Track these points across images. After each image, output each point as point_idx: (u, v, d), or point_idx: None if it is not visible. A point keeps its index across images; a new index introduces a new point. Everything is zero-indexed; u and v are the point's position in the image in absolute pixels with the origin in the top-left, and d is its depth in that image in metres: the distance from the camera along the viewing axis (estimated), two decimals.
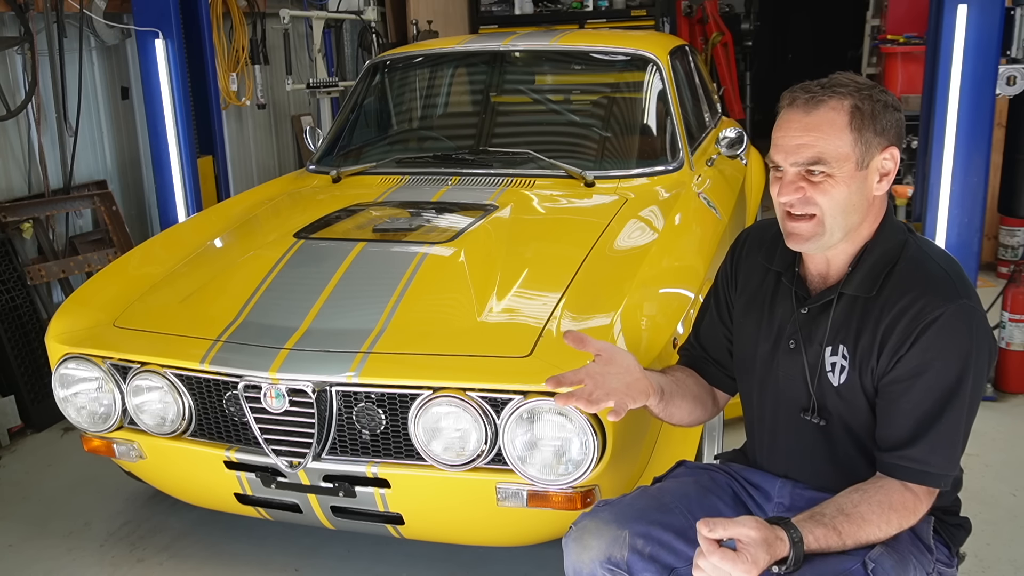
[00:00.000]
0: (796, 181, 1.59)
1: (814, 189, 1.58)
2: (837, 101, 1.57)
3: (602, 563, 1.68)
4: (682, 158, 3.33)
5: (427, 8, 7.21)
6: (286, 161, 6.52)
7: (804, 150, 1.57)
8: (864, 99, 1.58)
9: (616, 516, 1.73)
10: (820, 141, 1.56)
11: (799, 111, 1.59)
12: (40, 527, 3.00)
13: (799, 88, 1.62)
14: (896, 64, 5.81)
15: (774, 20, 9.81)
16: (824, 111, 1.57)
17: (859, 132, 1.57)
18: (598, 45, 3.84)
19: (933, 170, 3.68)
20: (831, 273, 1.70)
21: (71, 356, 2.45)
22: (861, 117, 1.57)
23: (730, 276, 1.90)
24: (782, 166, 1.61)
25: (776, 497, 1.82)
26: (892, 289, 1.62)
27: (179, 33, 4.49)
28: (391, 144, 3.84)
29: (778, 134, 1.62)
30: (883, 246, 1.65)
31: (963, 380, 1.56)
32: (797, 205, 1.60)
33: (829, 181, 1.57)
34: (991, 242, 5.23)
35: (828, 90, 1.59)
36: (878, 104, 1.59)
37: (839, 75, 1.63)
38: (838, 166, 1.57)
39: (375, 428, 2.23)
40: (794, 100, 1.60)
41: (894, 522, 1.57)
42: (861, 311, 1.64)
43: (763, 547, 1.43)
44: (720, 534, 1.43)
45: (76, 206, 4.38)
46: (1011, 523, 2.83)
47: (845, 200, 1.58)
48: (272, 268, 2.64)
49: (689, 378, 1.92)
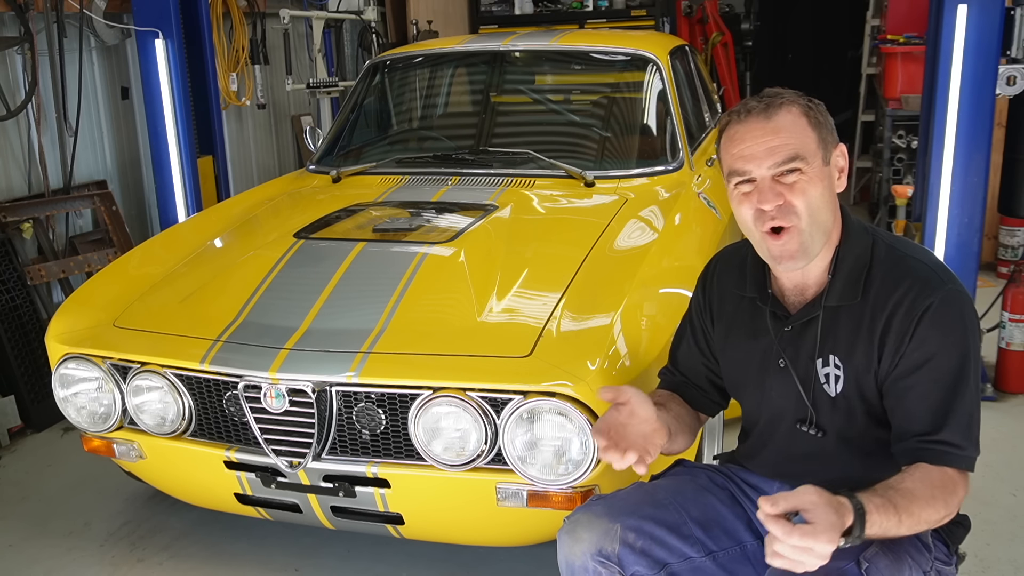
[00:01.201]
0: (773, 187, 1.59)
1: (791, 192, 1.58)
2: (789, 104, 1.61)
3: (593, 555, 1.69)
4: (682, 158, 3.33)
5: (427, 8, 7.21)
6: (286, 161, 6.51)
7: (779, 151, 1.58)
8: (807, 102, 1.63)
9: (608, 510, 1.74)
10: (791, 140, 1.58)
11: (759, 118, 1.60)
12: (40, 527, 3.00)
13: (742, 105, 1.64)
14: (896, 64, 5.81)
15: (774, 20, 9.80)
16: (783, 114, 1.60)
17: (818, 129, 1.61)
18: (598, 45, 3.85)
19: (933, 170, 3.68)
20: (809, 285, 1.70)
21: (71, 356, 2.45)
22: (815, 115, 1.62)
23: (703, 306, 1.90)
24: (755, 175, 1.60)
25: None
26: (877, 291, 1.63)
27: (179, 33, 4.48)
28: (391, 144, 3.84)
29: (741, 146, 1.61)
30: (854, 251, 1.66)
31: (965, 363, 1.58)
32: (778, 215, 1.59)
33: (803, 180, 1.58)
34: (991, 242, 5.23)
35: (776, 98, 1.62)
36: (819, 107, 1.64)
37: (773, 89, 1.67)
38: (811, 162, 1.59)
39: (375, 428, 2.23)
40: (749, 111, 1.62)
41: (939, 501, 1.52)
42: (847, 318, 1.65)
43: (833, 511, 1.37)
44: (784, 507, 1.38)
45: (76, 206, 4.38)
46: (1011, 523, 2.83)
47: (820, 198, 1.60)
48: (272, 268, 2.64)
49: (681, 408, 1.92)
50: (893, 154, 5.84)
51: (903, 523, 1.47)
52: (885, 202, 5.78)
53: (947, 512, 1.54)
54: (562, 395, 2.05)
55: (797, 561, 1.36)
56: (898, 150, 5.83)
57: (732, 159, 1.63)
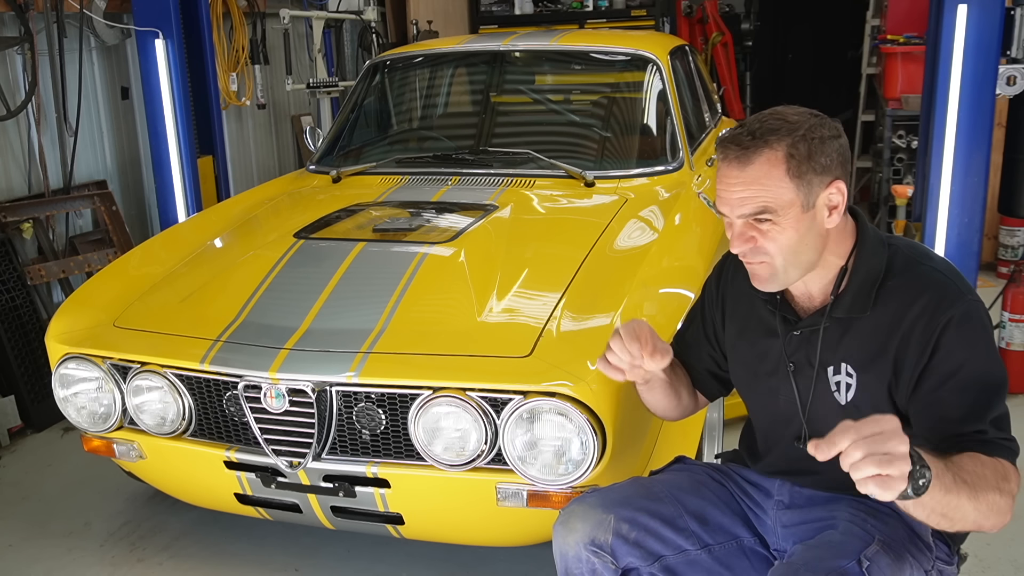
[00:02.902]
0: (745, 232, 1.58)
1: (763, 237, 1.57)
2: (769, 151, 1.53)
3: (586, 545, 1.69)
4: (682, 158, 3.33)
5: (427, 8, 7.21)
6: (286, 161, 6.52)
7: (747, 203, 1.56)
8: (798, 141, 1.53)
9: (603, 501, 1.75)
10: (762, 192, 1.54)
11: (733, 166, 1.56)
12: (40, 527, 3.00)
13: (731, 140, 1.57)
14: (896, 64, 5.80)
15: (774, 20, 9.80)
16: (759, 164, 1.54)
17: (799, 178, 1.54)
18: (598, 45, 3.84)
19: (933, 170, 3.68)
20: (814, 295, 1.69)
21: (71, 356, 2.45)
22: (797, 163, 1.53)
23: (715, 301, 1.90)
24: (729, 217, 1.60)
25: (776, 495, 1.82)
26: (893, 303, 1.60)
27: (179, 33, 4.49)
28: (391, 144, 3.84)
29: (720, 186, 1.60)
30: (867, 263, 1.64)
31: (994, 367, 1.56)
32: (748, 255, 1.60)
33: (775, 229, 1.56)
34: (991, 242, 5.23)
35: (759, 140, 1.53)
36: (814, 142, 1.54)
37: (772, 116, 1.57)
38: (783, 213, 1.55)
39: (375, 428, 2.23)
40: (727, 154, 1.57)
41: (995, 487, 1.41)
42: (861, 328, 1.63)
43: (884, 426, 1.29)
44: (827, 446, 1.29)
45: (76, 206, 4.38)
46: (1011, 523, 2.79)
47: (796, 242, 1.57)
48: (272, 268, 2.64)
49: (680, 369, 1.92)
50: (893, 154, 5.84)
51: (966, 490, 1.37)
52: (885, 202, 5.78)
53: (1003, 501, 1.43)
54: (562, 395, 2.05)
55: (881, 461, 1.25)
56: (898, 150, 5.83)
57: (716, 192, 1.63)
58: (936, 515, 1.38)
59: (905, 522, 1.69)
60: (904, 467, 1.27)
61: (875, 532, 1.63)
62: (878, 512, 1.69)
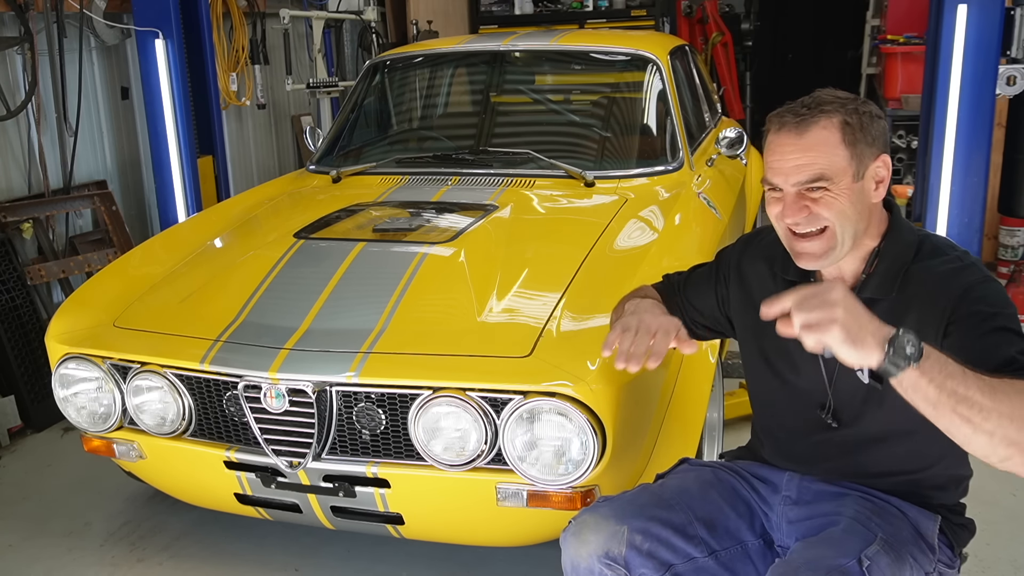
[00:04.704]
0: (798, 201, 1.60)
1: (817, 205, 1.59)
2: (826, 119, 1.59)
3: (599, 558, 1.68)
4: (682, 158, 3.33)
5: (427, 8, 7.21)
6: (286, 161, 6.52)
7: (804, 170, 1.58)
8: (851, 113, 1.59)
9: (615, 511, 1.73)
10: (819, 159, 1.58)
11: (791, 134, 1.60)
12: (40, 527, 3.00)
13: (786, 111, 1.62)
14: (896, 64, 5.81)
15: (774, 20, 9.80)
16: (816, 130, 1.58)
17: (852, 146, 1.59)
18: (598, 45, 3.85)
19: (933, 170, 3.69)
20: (846, 277, 1.71)
21: (71, 356, 2.45)
22: (852, 131, 1.59)
23: (733, 267, 1.90)
24: (782, 187, 1.62)
25: (784, 490, 1.82)
26: (915, 284, 1.63)
27: (179, 33, 4.49)
28: (391, 144, 3.84)
29: (772, 157, 1.62)
30: (896, 248, 1.66)
31: (1013, 315, 1.54)
32: (803, 223, 1.61)
33: (828, 195, 1.58)
34: (991, 242, 5.23)
35: (815, 109, 1.59)
36: (864, 116, 1.60)
37: (821, 92, 1.64)
38: (838, 180, 1.58)
39: (375, 428, 2.23)
40: (783, 124, 1.61)
41: (1016, 386, 1.33)
42: (886, 309, 1.63)
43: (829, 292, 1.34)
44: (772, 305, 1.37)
45: (76, 206, 4.38)
46: (1011, 523, 2.83)
47: (847, 211, 1.60)
48: (272, 268, 2.64)
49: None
50: (893, 154, 5.84)
51: (976, 382, 1.32)
52: None
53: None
54: (562, 395, 2.05)
55: (817, 315, 1.32)
56: (898, 150, 5.83)
57: (766, 167, 1.65)
58: (949, 401, 1.32)
59: (910, 523, 1.69)
60: (835, 311, 1.32)
61: (878, 531, 1.63)
62: (883, 511, 1.69)
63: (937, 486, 1.74)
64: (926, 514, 1.71)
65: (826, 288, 1.36)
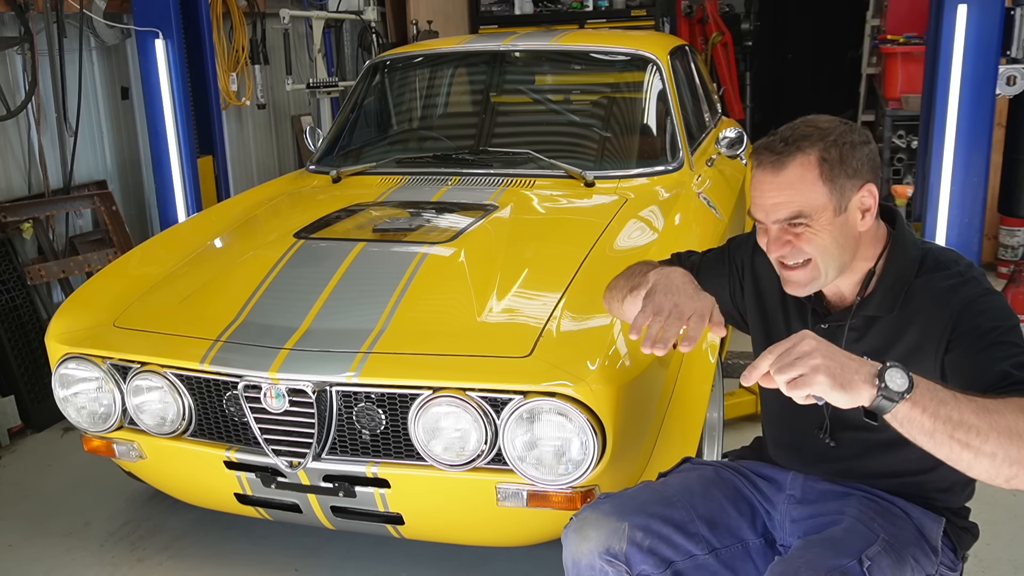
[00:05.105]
0: (781, 236, 1.60)
1: (799, 240, 1.59)
2: (803, 156, 1.56)
3: (600, 554, 1.69)
4: (682, 158, 3.33)
5: (427, 8, 7.21)
6: (286, 161, 6.51)
7: (782, 208, 1.58)
8: (830, 146, 1.56)
9: (616, 508, 1.73)
10: (795, 197, 1.56)
11: (768, 172, 1.59)
12: (40, 527, 3.00)
13: (764, 147, 1.60)
14: (896, 64, 5.81)
15: (774, 20, 9.80)
16: (792, 168, 1.56)
17: (831, 181, 1.56)
18: (598, 45, 3.85)
19: (933, 170, 3.69)
20: (845, 294, 1.70)
21: (71, 356, 2.45)
22: (830, 166, 1.56)
23: (746, 265, 1.88)
24: (764, 222, 1.62)
25: (788, 489, 1.82)
26: (918, 301, 1.62)
27: (179, 33, 4.49)
28: (391, 144, 3.84)
29: (754, 193, 1.62)
30: (897, 266, 1.65)
31: (1014, 325, 1.53)
32: (788, 256, 1.61)
33: (809, 231, 1.58)
34: (991, 242, 5.23)
35: (792, 146, 1.57)
36: (845, 147, 1.57)
37: (804, 123, 1.61)
38: (817, 217, 1.57)
39: (375, 428, 2.23)
40: (761, 161, 1.60)
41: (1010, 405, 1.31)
42: (883, 325, 1.64)
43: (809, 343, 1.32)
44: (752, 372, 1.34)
45: (76, 206, 4.38)
46: (1011, 523, 2.83)
47: (831, 244, 1.59)
48: (272, 268, 2.64)
49: None
50: (893, 154, 5.84)
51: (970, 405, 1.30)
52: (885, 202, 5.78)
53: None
54: (562, 395, 2.05)
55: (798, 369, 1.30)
56: (898, 150, 5.83)
57: (751, 199, 1.64)
58: (945, 428, 1.30)
59: (914, 524, 1.69)
60: (813, 360, 1.30)
61: (880, 531, 1.63)
62: (887, 512, 1.69)
63: (942, 488, 1.74)
64: (930, 516, 1.71)
65: (796, 340, 1.34)
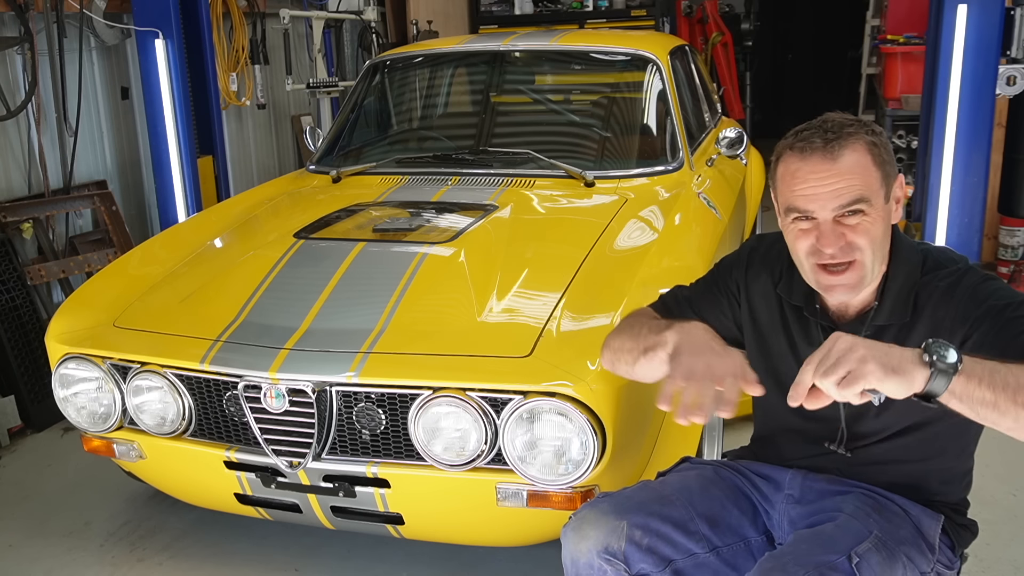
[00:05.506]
0: (835, 229, 1.56)
1: (853, 232, 1.56)
2: (854, 141, 1.55)
3: (599, 553, 1.68)
4: (682, 158, 3.33)
5: (427, 8, 7.21)
6: (286, 161, 6.51)
7: (845, 193, 1.54)
8: (871, 134, 1.57)
9: (615, 507, 1.73)
10: (856, 181, 1.54)
11: (823, 158, 1.55)
12: (40, 527, 3.00)
13: (808, 136, 1.57)
14: (896, 64, 5.80)
15: (774, 20, 9.81)
16: (849, 153, 1.55)
17: (881, 167, 1.57)
18: (598, 45, 3.85)
19: (933, 170, 3.69)
20: (849, 304, 1.68)
21: (71, 356, 2.45)
22: (879, 151, 1.57)
23: (741, 285, 1.84)
24: (816, 216, 1.57)
25: (787, 488, 1.81)
26: (921, 303, 1.62)
27: (179, 33, 4.49)
28: (391, 144, 3.84)
29: (803, 185, 1.56)
30: (902, 271, 1.65)
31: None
32: (839, 254, 1.57)
33: (866, 221, 1.56)
34: (991, 242, 5.23)
35: (840, 133, 1.55)
36: (880, 136, 1.59)
37: (831, 115, 1.60)
38: (874, 203, 1.56)
39: (375, 428, 2.23)
40: (811, 148, 1.55)
41: None
42: (896, 331, 1.63)
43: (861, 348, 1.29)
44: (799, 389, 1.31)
45: (76, 206, 4.38)
46: (1011, 523, 2.83)
47: (881, 235, 1.58)
48: (272, 268, 2.64)
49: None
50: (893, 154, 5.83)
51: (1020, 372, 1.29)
52: None
53: None
54: (562, 395, 2.05)
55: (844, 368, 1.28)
56: (898, 150, 5.83)
57: (793, 196, 1.58)
58: (1006, 393, 1.29)
59: (912, 522, 1.68)
60: (857, 353, 1.28)
61: (874, 528, 1.62)
62: (885, 508, 1.68)
63: (941, 480, 1.74)
64: (929, 513, 1.71)
65: (831, 343, 1.32)
